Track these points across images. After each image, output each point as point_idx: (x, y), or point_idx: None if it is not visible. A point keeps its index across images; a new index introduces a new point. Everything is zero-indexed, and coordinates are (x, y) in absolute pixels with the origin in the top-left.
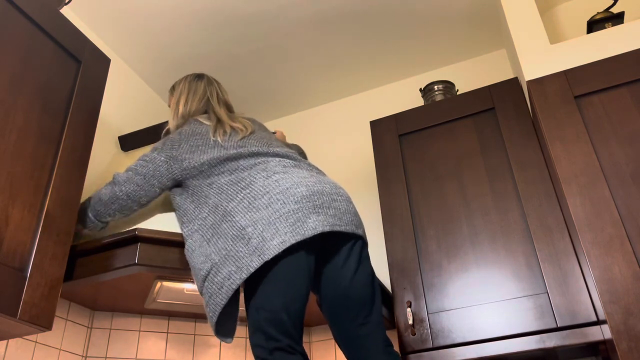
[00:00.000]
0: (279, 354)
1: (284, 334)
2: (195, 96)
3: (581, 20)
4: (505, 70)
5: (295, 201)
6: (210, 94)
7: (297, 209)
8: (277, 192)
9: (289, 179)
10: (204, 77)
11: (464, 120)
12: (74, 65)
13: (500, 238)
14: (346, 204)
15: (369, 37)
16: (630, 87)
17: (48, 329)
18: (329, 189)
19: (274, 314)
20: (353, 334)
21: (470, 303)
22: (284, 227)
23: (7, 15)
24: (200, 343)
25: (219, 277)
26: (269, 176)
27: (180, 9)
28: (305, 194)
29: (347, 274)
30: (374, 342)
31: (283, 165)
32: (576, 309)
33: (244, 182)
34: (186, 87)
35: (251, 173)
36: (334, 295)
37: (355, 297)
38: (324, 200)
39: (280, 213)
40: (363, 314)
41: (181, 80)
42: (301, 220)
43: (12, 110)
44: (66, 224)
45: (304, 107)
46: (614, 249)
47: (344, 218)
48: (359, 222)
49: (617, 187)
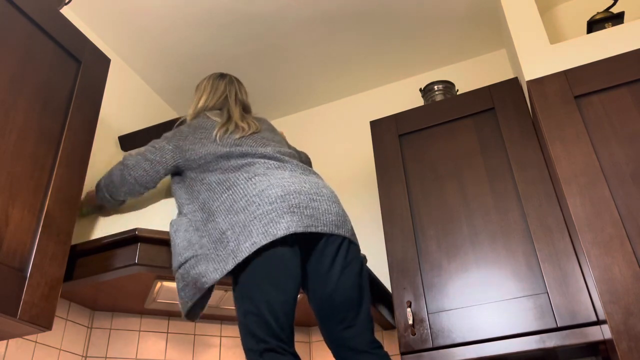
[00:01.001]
0: (269, 355)
1: (271, 335)
2: (215, 94)
3: (581, 20)
4: (505, 70)
5: (270, 202)
6: (229, 92)
7: (271, 210)
8: (253, 194)
9: (266, 181)
10: (226, 76)
11: (464, 120)
12: (74, 65)
13: (500, 238)
14: (327, 204)
15: (369, 37)
16: (630, 87)
17: (48, 329)
18: (308, 188)
19: (259, 316)
20: (339, 335)
21: (470, 303)
22: (257, 229)
23: (7, 15)
24: (200, 343)
25: (194, 271)
26: (250, 178)
27: (180, 9)
28: (280, 194)
29: (333, 277)
30: (360, 344)
31: (266, 167)
32: (576, 309)
33: (228, 183)
34: (209, 85)
35: (237, 175)
36: (320, 298)
37: (342, 300)
38: (301, 199)
39: (254, 215)
40: (350, 316)
41: (205, 79)
42: (274, 221)
43: (12, 110)
44: (66, 224)
45: (304, 107)
46: (614, 249)
47: (323, 218)
48: (341, 222)
49: (617, 187)
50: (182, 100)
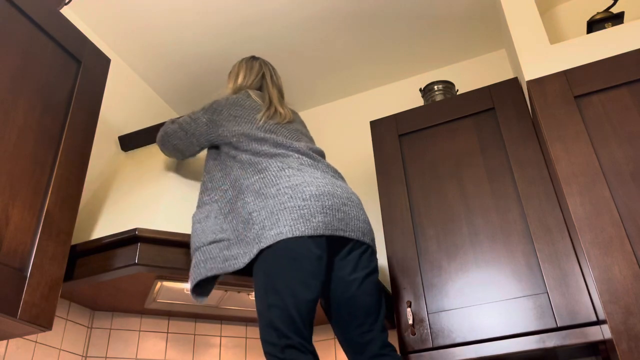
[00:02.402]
0: (291, 351)
1: (294, 332)
2: (252, 72)
3: (581, 20)
4: (505, 70)
5: (303, 198)
6: (265, 72)
7: (303, 206)
8: (286, 185)
9: (301, 177)
10: (258, 58)
11: (464, 120)
12: (74, 65)
13: (500, 238)
14: (356, 210)
15: (369, 37)
16: (630, 87)
17: (48, 329)
18: (340, 192)
19: (285, 311)
20: (358, 339)
21: (470, 303)
22: (285, 220)
23: (7, 15)
24: (200, 343)
25: (226, 252)
26: (283, 169)
27: (180, 9)
28: (315, 193)
29: (355, 282)
30: (376, 347)
31: (300, 162)
32: (576, 309)
33: (259, 166)
34: (243, 65)
35: (269, 161)
36: (341, 301)
37: (362, 305)
38: (334, 202)
39: (285, 206)
40: (369, 321)
41: (237, 63)
42: (305, 217)
43: (12, 110)
44: (66, 224)
45: (304, 107)
46: (614, 249)
47: (352, 224)
48: (367, 230)
49: (617, 187)
50: (182, 100)
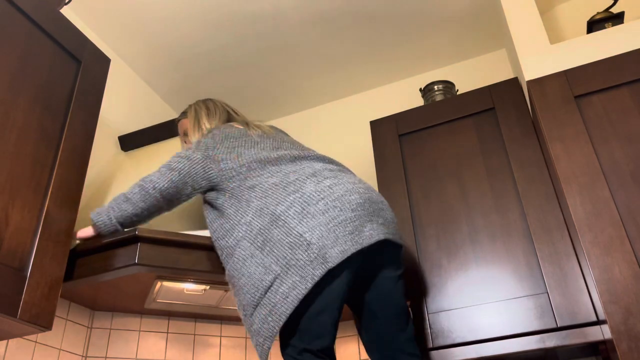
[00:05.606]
0: (307, 355)
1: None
2: (215, 110)
3: (581, 20)
4: (505, 70)
5: (352, 209)
6: (223, 105)
7: (355, 217)
8: (333, 198)
9: (342, 185)
10: (210, 99)
11: (464, 120)
12: (74, 65)
13: (500, 238)
14: (390, 213)
15: (369, 37)
16: (630, 87)
17: (48, 329)
18: (376, 196)
19: (311, 345)
20: (393, 337)
21: (470, 303)
22: (344, 236)
23: (7, 15)
24: (200, 343)
25: (283, 288)
26: (320, 181)
27: (180, 9)
28: (360, 201)
29: (393, 281)
30: (410, 347)
31: (329, 169)
32: (576, 309)
33: (292, 186)
34: (201, 107)
35: (299, 177)
36: (380, 298)
37: (397, 303)
38: (375, 208)
39: (338, 220)
40: (403, 319)
41: (191, 106)
42: (358, 229)
43: (12, 110)
44: (66, 224)
45: (304, 107)
46: (614, 249)
47: (391, 227)
48: (399, 232)
49: (617, 187)
50: (182, 100)
